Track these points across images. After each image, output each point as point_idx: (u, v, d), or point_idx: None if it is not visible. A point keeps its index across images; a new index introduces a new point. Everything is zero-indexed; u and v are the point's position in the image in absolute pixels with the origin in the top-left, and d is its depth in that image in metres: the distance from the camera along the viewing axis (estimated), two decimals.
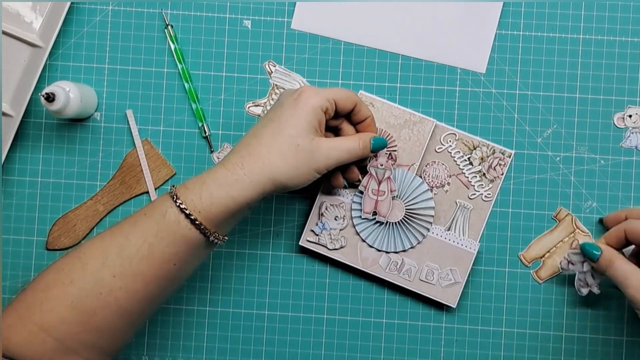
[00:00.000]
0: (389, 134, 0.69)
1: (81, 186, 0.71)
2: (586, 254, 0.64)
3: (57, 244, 0.71)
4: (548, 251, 0.70)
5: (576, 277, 0.67)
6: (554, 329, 0.70)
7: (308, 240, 0.69)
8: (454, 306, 0.69)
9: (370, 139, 0.64)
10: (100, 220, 0.71)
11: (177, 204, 0.56)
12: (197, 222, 0.56)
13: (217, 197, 0.56)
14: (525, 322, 0.70)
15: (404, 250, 0.69)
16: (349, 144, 0.61)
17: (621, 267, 0.61)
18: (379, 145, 0.64)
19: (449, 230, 0.69)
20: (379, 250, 0.69)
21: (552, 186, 0.71)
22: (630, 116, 0.71)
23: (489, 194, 0.70)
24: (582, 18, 0.71)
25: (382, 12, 0.71)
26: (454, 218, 0.70)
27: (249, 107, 0.71)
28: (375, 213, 0.68)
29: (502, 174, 0.70)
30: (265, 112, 0.66)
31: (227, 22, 0.72)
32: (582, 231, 0.70)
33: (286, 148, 0.58)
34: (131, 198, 0.71)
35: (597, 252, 0.63)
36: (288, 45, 0.71)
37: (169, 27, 0.71)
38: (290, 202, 0.71)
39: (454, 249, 0.69)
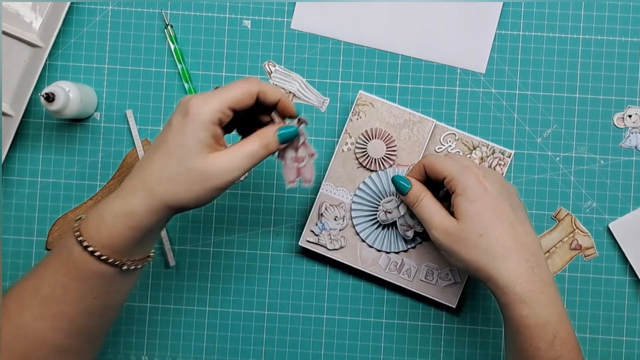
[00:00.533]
0: (388, 134, 0.69)
1: (81, 186, 0.71)
2: (397, 186, 0.63)
3: (56, 244, 0.71)
4: (548, 251, 0.70)
5: (398, 223, 0.67)
6: None
7: (308, 241, 0.69)
8: (454, 306, 0.69)
9: (274, 132, 0.56)
10: None
11: (79, 241, 0.54)
12: (103, 257, 0.54)
13: (116, 230, 0.53)
14: None
15: (404, 251, 0.69)
16: (248, 149, 0.55)
17: (427, 205, 0.61)
18: (287, 137, 0.57)
19: None
20: (378, 251, 0.69)
21: (551, 186, 0.71)
22: (630, 116, 0.71)
23: None
24: (582, 18, 0.71)
25: (382, 12, 0.71)
26: None
27: None
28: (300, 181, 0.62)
29: (502, 174, 0.70)
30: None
31: (226, 22, 0.72)
32: (582, 231, 0.70)
33: (176, 173, 0.53)
34: None
35: (407, 185, 0.62)
36: (288, 45, 0.71)
37: (169, 27, 0.71)
38: (290, 202, 0.71)
39: None
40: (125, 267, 0.55)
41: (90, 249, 0.53)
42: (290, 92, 0.71)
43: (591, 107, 0.71)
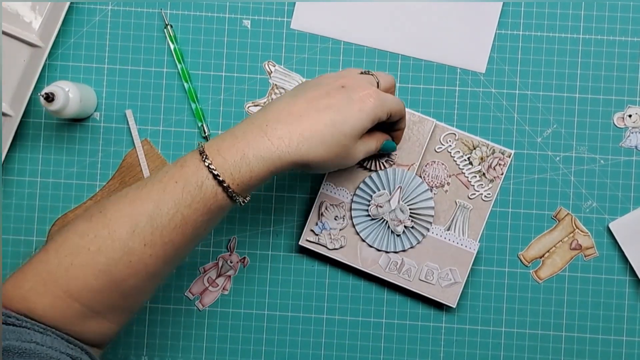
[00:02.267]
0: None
1: (81, 186, 0.71)
2: (386, 149, 0.66)
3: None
4: (548, 251, 0.70)
5: (388, 218, 0.68)
6: (554, 329, 0.70)
7: (308, 240, 0.69)
8: (454, 306, 0.68)
9: (384, 140, 0.65)
10: None
11: (216, 177, 0.54)
12: (234, 195, 0.55)
13: (257, 172, 0.55)
14: (524, 322, 0.70)
15: (403, 250, 0.69)
16: (371, 146, 0.63)
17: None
18: (387, 148, 0.66)
19: (448, 230, 0.69)
20: (378, 250, 0.69)
21: (551, 186, 0.71)
22: (630, 116, 0.70)
23: (489, 194, 0.70)
24: (582, 18, 0.71)
25: (382, 12, 0.71)
26: (453, 218, 0.70)
27: (248, 107, 0.71)
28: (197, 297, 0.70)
29: (502, 174, 0.70)
30: (319, 77, 0.62)
31: (226, 22, 0.71)
32: (582, 231, 0.70)
33: (335, 143, 0.57)
34: None
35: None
36: (288, 45, 0.71)
37: (169, 27, 0.71)
38: (290, 202, 0.71)
39: (453, 248, 0.69)
40: (242, 204, 0.57)
41: (225, 184, 0.54)
42: None
43: (591, 107, 0.71)
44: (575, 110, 0.71)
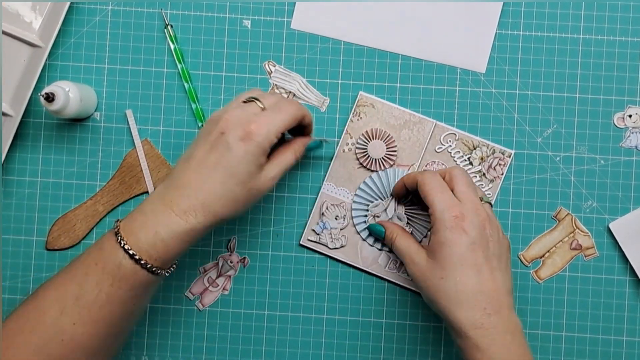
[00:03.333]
0: (388, 135, 0.69)
1: (81, 186, 0.71)
2: (374, 234, 0.68)
3: (56, 244, 0.71)
4: (548, 251, 0.70)
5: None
6: (554, 329, 0.70)
7: (309, 240, 0.69)
8: None
9: (303, 146, 0.64)
10: (100, 220, 0.71)
11: (133, 257, 0.55)
12: (155, 269, 0.56)
13: (173, 246, 0.56)
14: (525, 322, 0.70)
15: None
16: (287, 160, 0.62)
17: (400, 244, 0.64)
18: (312, 149, 0.66)
19: None
20: (379, 249, 0.69)
21: (552, 186, 0.71)
22: (630, 116, 0.70)
23: (489, 194, 0.70)
24: (582, 18, 0.71)
25: (382, 12, 0.71)
26: None
27: None
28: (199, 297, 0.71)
29: (502, 174, 0.70)
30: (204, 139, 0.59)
31: (226, 22, 0.71)
32: (582, 231, 0.70)
33: (239, 194, 0.57)
34: (131, 198, 0.71)
35: (382, 230, 0.67)
36: (288, 45, 0.71)
37: (169, 27, 0.71)
38: (290, 202, 0.71)
39: None
40: (168, 274, 0.59)
41: (143, 262, 0.55)
42: (290, 92, 0.71)
43: (591, 107, 0.71)
44: (575, 110, 0.71)
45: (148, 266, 0.56)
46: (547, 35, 0.71)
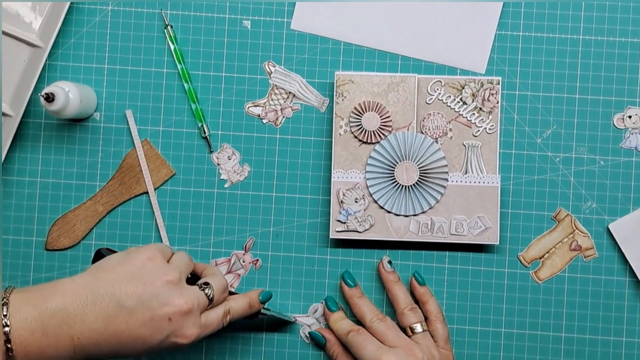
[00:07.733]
0: (377, 103, 0.68)
1: (80, 186, 0.71)
2: (314, 340, 0.69)
3: (56, 244, 0.71)
4: (547, 252, 0.70)
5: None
6: (553, 330, 0.70)
7: (337, 231, 0.69)
8: (497, 243, 0.68)
9: (257, 296, 0.64)
10: (100, 220, 0.71)
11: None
12: None
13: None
14: (524, 322, 0.70)
15: (431, 208, 0.68)
16: (244, 303, 0.63)
17: (354, 338, 0.65)
18: (268, 298, 0.66)
19: (466, 173, 0.69)
20: (406, 217, 0.69)
21: (551, 187, 0.71)
22: (630, 117, 0.70)
23: (492, 125, 0.69)
24: (582, 19, 0.71)
25: (382, 12, 0.71)
26: (466, 160, 0.69)
27: (248, 108, 0.71)
28: None
29: (497, 102, 0.69)
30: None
31: (226, 22, 0.71)
32: (582, 232, 0.70)
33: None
34: (130, 198, 0.71)
35: (322, 340, 0.69)
36: (288, 45, 0.71)
37: (169, 27, 0.71)
38: (290, 203, 0.71)
39: (477, 189, 0.69)
40: None
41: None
42: (290, 93, 0.71)
43: (591, 108, 0.71)
44: (575, 111, 0.71)
45: None
46: (547, 36, 0.71)
